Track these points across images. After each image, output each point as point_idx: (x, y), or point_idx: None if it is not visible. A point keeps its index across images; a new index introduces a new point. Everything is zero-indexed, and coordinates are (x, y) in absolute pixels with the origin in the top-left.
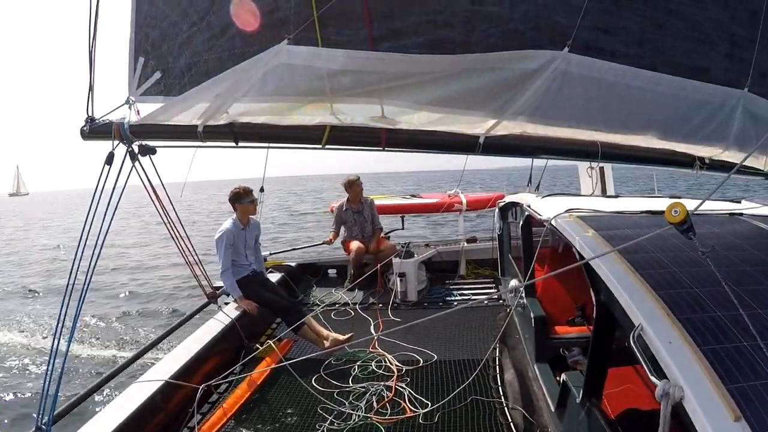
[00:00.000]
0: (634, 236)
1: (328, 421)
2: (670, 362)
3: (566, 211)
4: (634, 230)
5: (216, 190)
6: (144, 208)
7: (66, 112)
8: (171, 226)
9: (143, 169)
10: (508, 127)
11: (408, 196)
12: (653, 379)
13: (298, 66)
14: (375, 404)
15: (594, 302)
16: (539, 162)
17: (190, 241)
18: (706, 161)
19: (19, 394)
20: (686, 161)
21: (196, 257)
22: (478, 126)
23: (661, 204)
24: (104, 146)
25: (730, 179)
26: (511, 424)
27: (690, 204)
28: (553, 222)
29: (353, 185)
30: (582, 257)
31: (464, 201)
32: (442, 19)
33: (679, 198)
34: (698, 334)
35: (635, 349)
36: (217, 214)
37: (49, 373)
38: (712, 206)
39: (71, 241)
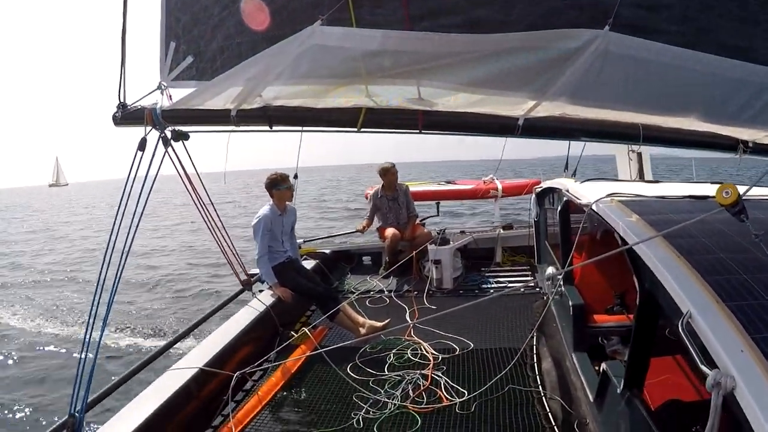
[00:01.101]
0: (678, 221)
1: (364, 410)
2: (720, 351)
3: (607, 196)
4: (679, 215)
5: (232, 178)
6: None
7: (102, 101)
8: (205, 213)
9: (176, 154)
10: (547, 109)
11: (443, 183)
12: (704, 368)
13: (333, 47)
14: (411, 393)
15: (637, 289)
16: (575, 150)
17: (224, 229)
18: (750, 144)
19: (53, 382)
20: (729, 144)
21: (230, 244)
22: (518, 107)
23: (703, 189)
24: (139, 135)
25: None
26: (549, 414)
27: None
28: (594, 207)
29: (388, 173)
30: (625, 243)
31: (500, 187)
32: None
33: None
34: (749, 322)
35: (684, 338)
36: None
37: (82, 360)
38: (755, 192)
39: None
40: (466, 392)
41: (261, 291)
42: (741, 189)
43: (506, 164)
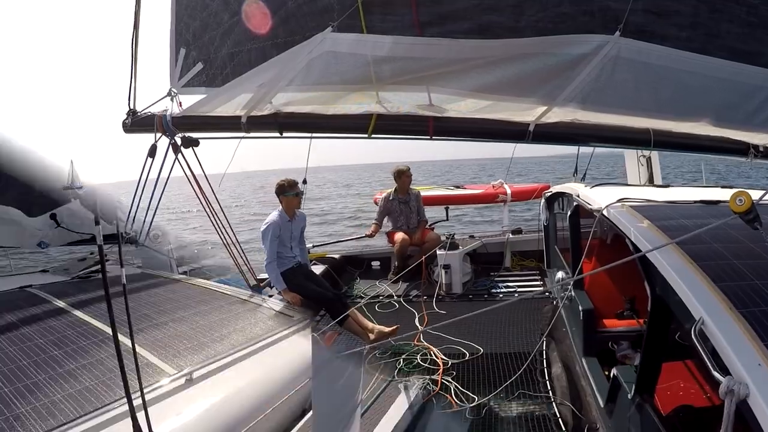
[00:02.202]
0: (689, 226)
1: None
2: (733, 358)
3: (618, 201)
4: (690, 221)
5: (235, 181)
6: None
7: (117, 103)
8: (215, 219)
9: (186, 161)
10: (558, 114)
11: (452, 187)
12: (717, 375)
13: (343, 54)
14: (421, 398)
15: (649, 295)
16: (584, 151)
17: (234, 233)
18: (761, 149)
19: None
20: (740, 149)
21: (240, 249)
22: (528, 113)
23: (713, 194)
24: (151, 139)
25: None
26: (559, 419)
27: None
28: (604, 212)
29: (403, 175)
30: (636, 248)
31: (509, 192)
32: (490, 3)
33: (732, 188)
34: (762, 329)
35: (697, 344)
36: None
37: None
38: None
39: None
40: (476, 397)
41: (270, 296)
42: (755, 195)
43: (502, 163)
